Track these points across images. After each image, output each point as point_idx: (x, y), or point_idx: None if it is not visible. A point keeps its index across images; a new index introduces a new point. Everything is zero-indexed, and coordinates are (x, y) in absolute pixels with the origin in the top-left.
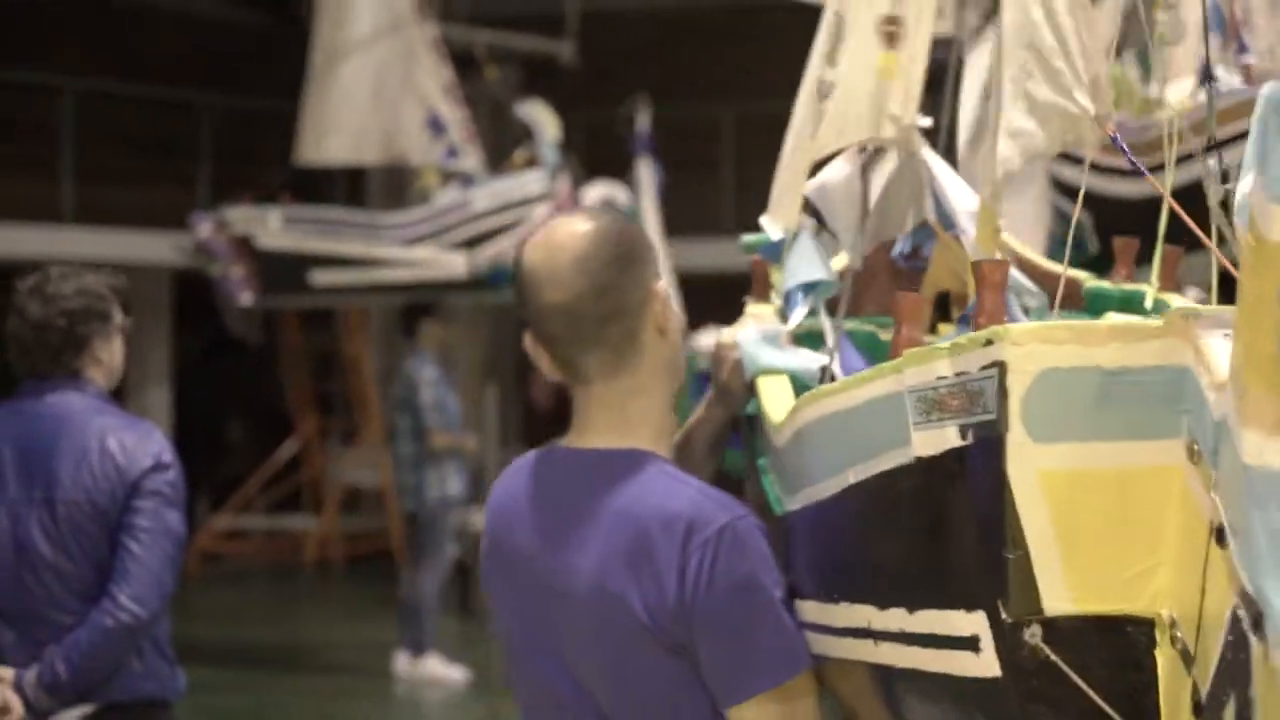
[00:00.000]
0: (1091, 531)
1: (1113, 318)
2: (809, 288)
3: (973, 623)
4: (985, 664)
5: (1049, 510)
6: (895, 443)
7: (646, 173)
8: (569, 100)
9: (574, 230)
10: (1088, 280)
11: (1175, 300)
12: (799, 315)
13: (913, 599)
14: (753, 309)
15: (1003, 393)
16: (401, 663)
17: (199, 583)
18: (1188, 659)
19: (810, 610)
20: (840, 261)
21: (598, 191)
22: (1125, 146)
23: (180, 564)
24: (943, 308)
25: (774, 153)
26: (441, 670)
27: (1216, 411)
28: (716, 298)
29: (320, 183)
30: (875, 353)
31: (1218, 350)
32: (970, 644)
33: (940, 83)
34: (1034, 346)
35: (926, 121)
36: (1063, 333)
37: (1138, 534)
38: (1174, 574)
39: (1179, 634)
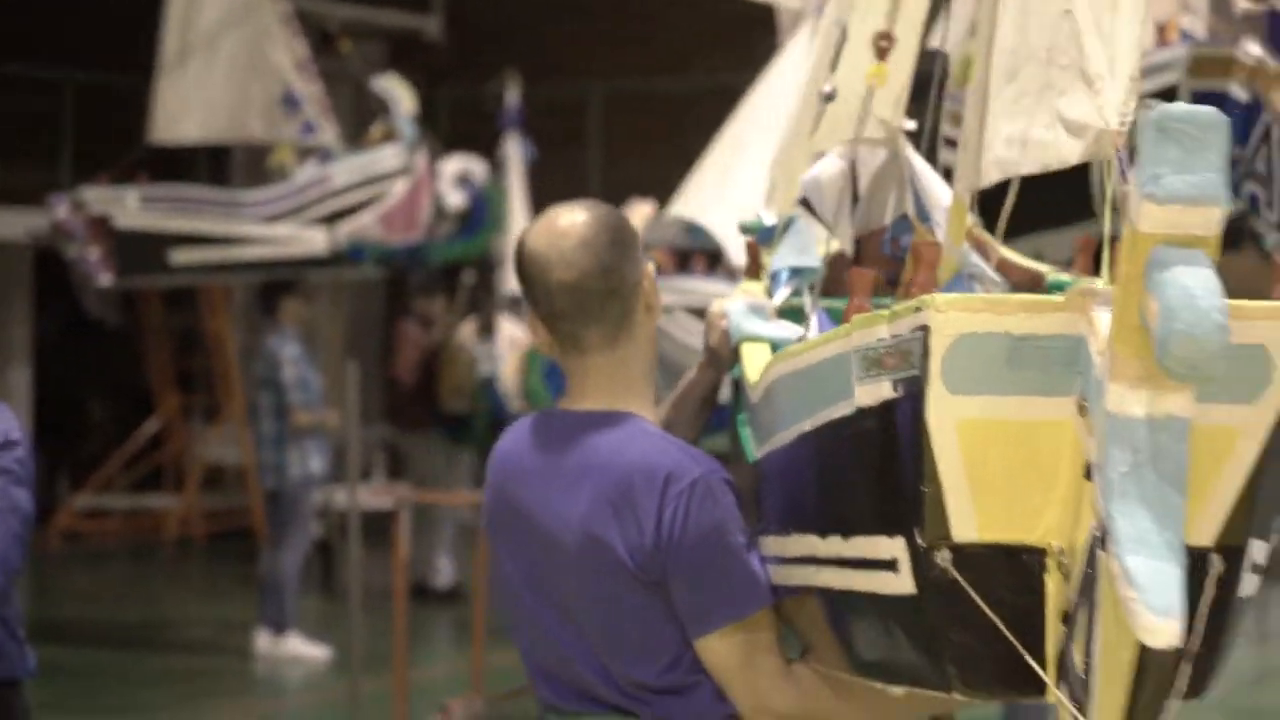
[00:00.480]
0: (996, 472)
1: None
2: (795, 271)
3: (894, 547)
4: (903, 583)
5: (961, 452)
6: (842, 395)
7: (515, 149)
8: (436, 76)
9: (575, 217)
10: (1050, 273)
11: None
12: (783, 294)
13: (848, 528)
14: (745, 285)
15: (926, 352)
16: (262, 641)
17: (59, 562)
18: (1069, 582)
19: (771, 544)
20: (829, 247)
21: (455, 165)
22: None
23: (28, 543)
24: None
25: (642, 130)
26: (302, 648)
27: (1099, 372)
28: None
29: (183, 161)
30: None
31: (1106, 322)
32: (891, 565)
33: (924, 90)
34: (954, 313)
35: (911, 125)
36: (979, 303)
37: (1036, 476)
38: (1063, 511)
39: (1065, 561)
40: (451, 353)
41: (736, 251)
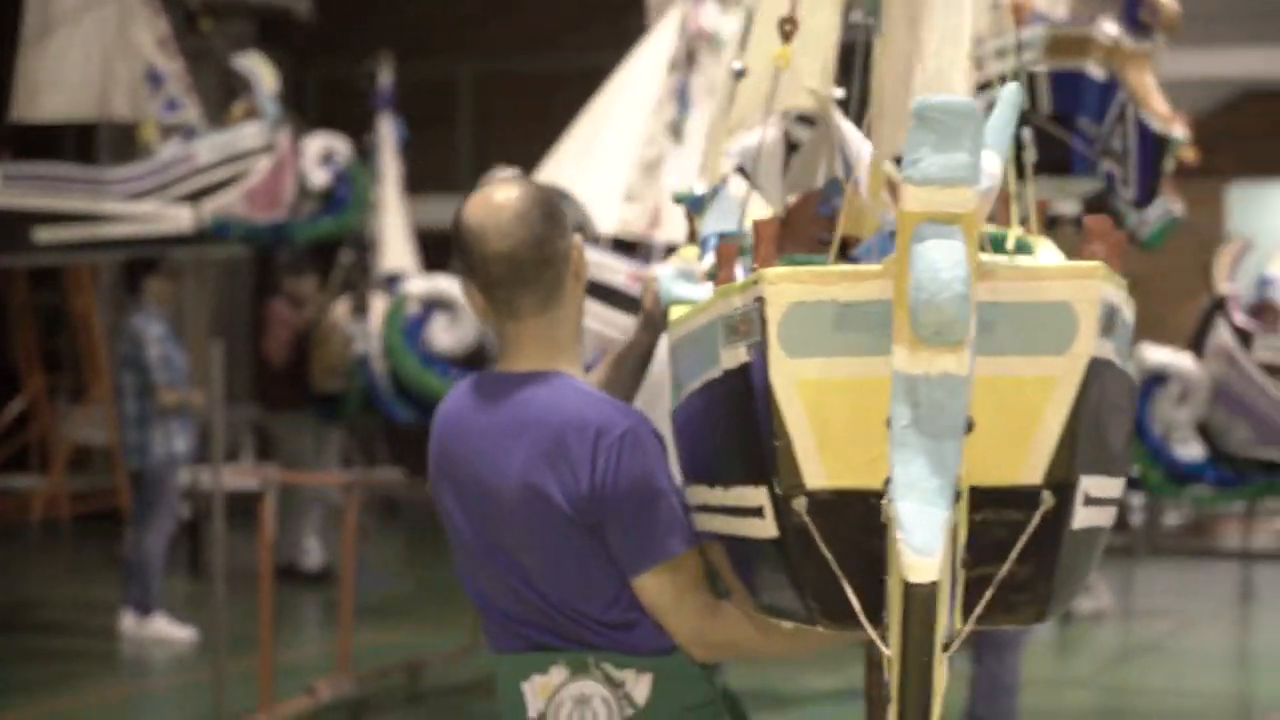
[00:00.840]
0: (838, 425)
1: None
2: (722, 236)
3: (759, 495)
4: (768, 527)
5: (804, 409)
6: (715, 358)
7: (387, 129)
8: (306, 55)
9: (510, 192)
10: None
11: (1039, 241)
12: (711, 258)
13: (727, 479)
14: (682, 250)
15: (763, 320)
16: (127, 623)
17: None
18: None
19: (684, 493)
20: (765, 211)
21: (318, 143)
22: None
23: None
24: (846, 249)
25: (512, 110)
26: (168, 630)
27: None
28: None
29: (50, 139)
30: None
31: None
32: (759, 512)
33: (851, 60)
34: (784, 285)
35: (839, 92)
36: (806, 275)
37: (871, 428)
38: None
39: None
40: (324, 332)
41: (601, 219)
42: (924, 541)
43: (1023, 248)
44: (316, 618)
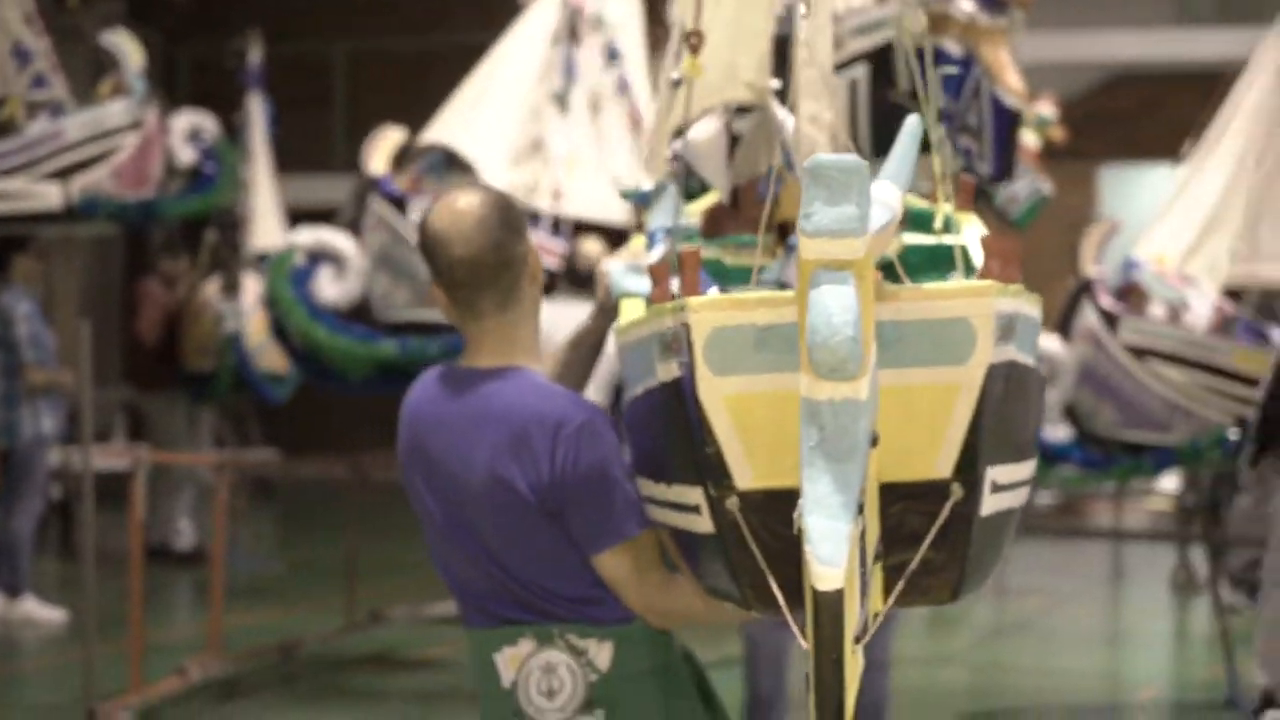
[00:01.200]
0: (763, 433)
1: (762, 292)
2: (668, 230)
3: (696, 495)
4: (705, 523)
5: (730, 419)
6: (653, 369)
7: (257, 108)
8: (177, 34)
9: (471, 200)
10: (914, 202)
11: (965, 219)
12: (659, 250)
13: (669, 478)
14: (632, 243)
15: (689, 343)
16: None
17: None
18: None
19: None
20: (711, 198)
21: (186, 121)
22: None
23: None
24: (784, 232)
25: (385, 89)
26: (37, 611)
27: None
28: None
29: None
30: (720, 276)
31: None
32: (697, 510)
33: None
34: (706, 313)
35: (776, 83)
36: (726, 303)
37: (793, 434)
38: None
39: None
40: (195, 310)
41: (490, 178)
42: (829, 554)
43: (949, 225)
44: (188, 598)
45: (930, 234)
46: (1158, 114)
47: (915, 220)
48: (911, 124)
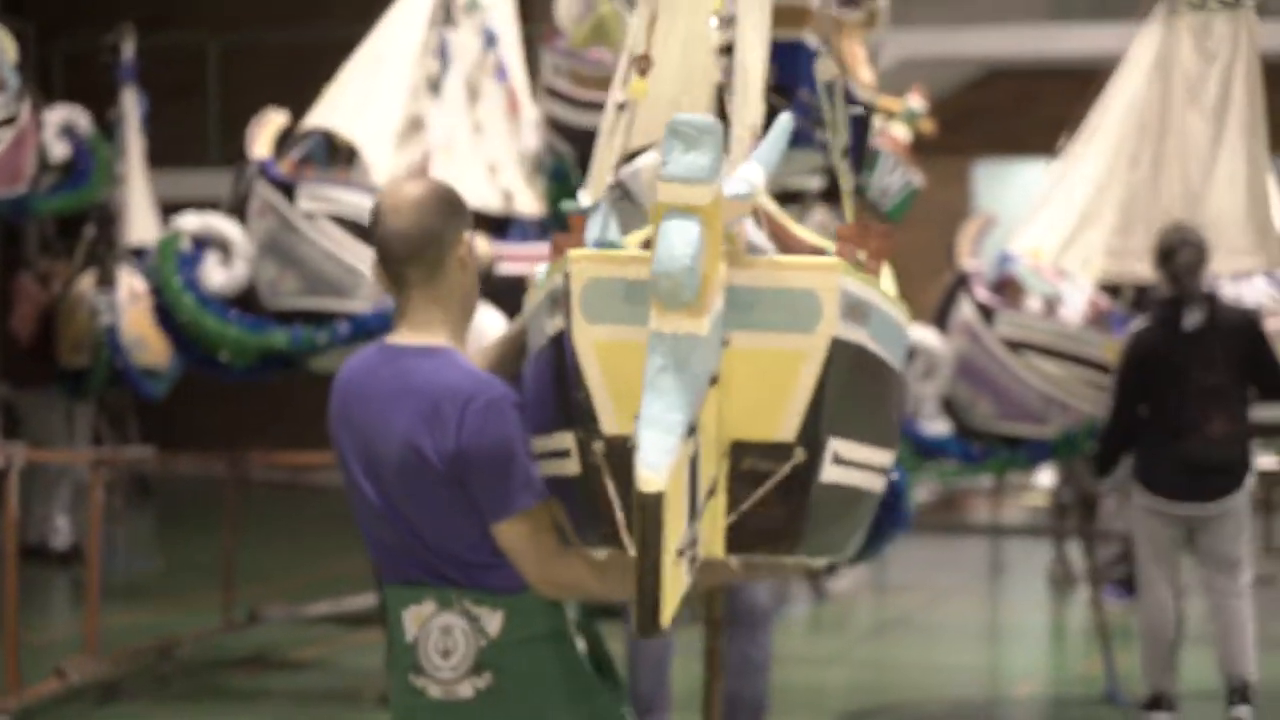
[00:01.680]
0: (629, 380)
1: (635, 249)
2: (599, 244)
3: (567, 440)
4: (574, 466)
5: (600, 366)
6: (547, 325)
7: (130, 102)
8: (49, 28)
9: (417, 186)
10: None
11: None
12: None
13: (548, 427)
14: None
15: (568, 292)
16: None
17: None
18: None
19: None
20: (647, 231)
21: (59, 116)
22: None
23: None
24: None
25: (260, 83)
26: None
27: None
28: None
29: None
30: None
31: None
32: (567, 454)
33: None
34: (585, 264)
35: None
36: (602, 256)
37: None
38: None
39: None
40: (71, 306)
41: (376, 167)
42: (654, 460)
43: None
44: (66, 598)
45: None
46: (1032, 109)
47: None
48: (783, 119)
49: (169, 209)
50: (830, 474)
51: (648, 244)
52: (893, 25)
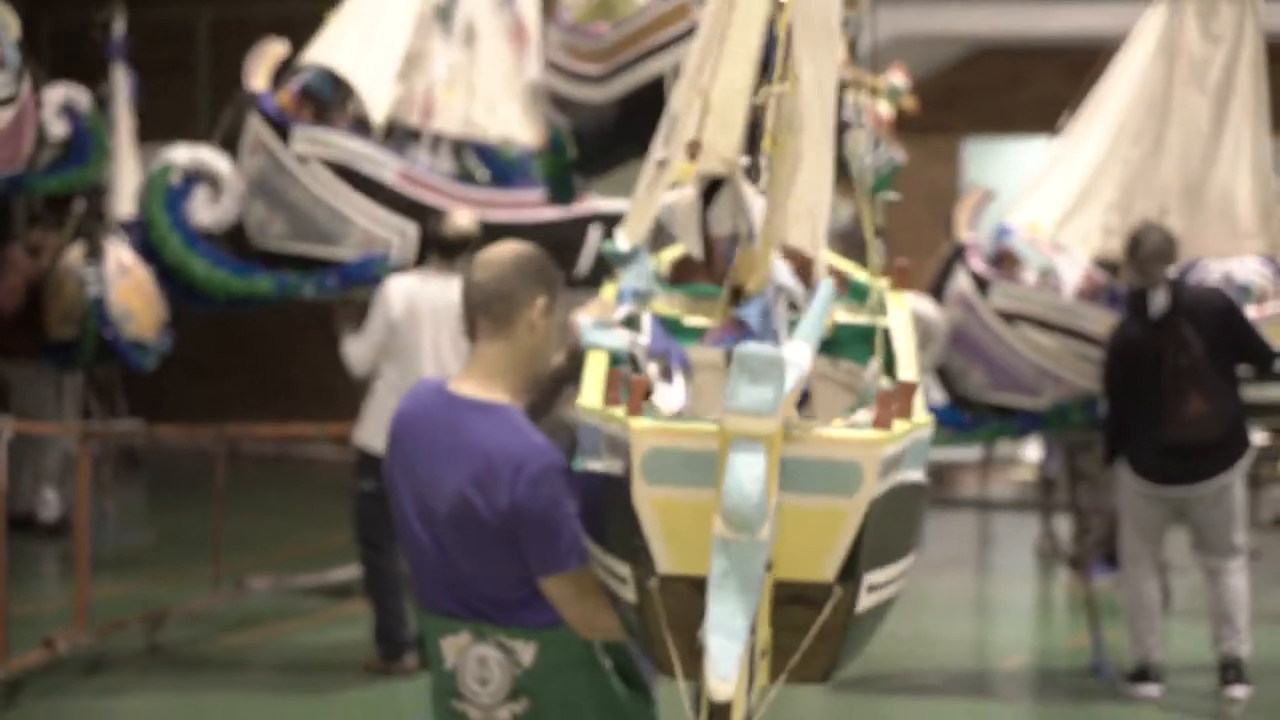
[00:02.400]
0: (683, 531)
1: (692, 424)
2: (635, 293)
3: (625, 570)
4: (631, 594)
5: (657, 519)
6: (602, 454)
7: (121, 79)
8: (39, 3)
9: (511, 248)
10: (851, 274)
11: (902, 296)
12: (626, 308)
13: (606, 546)
14: (603, 293)
15: (630, 456)
16: None
17: None
18: None
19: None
20: (678, 249)
21: (59, 94)
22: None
23: None
24: (737, 296)
25: (249, 56)
26: None
27: None
28: None
29: None
30: (676, 332)
31: None
32: (624, 580)
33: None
34: (646, 436)
35: (745, 160)
36: (663, 431)
37: (705, 534)
38: None
39: None
40: (59, 278)
41: (374, 106)
42: (725, 671)
43: (881, 304)
44: (54, 569)
45: (864, 307)
46: (1021, 88)
47: (854, 290)
48: (826, 288)
49: None
50: (865, 603)
51: (679, 265)
52: (884, 3)
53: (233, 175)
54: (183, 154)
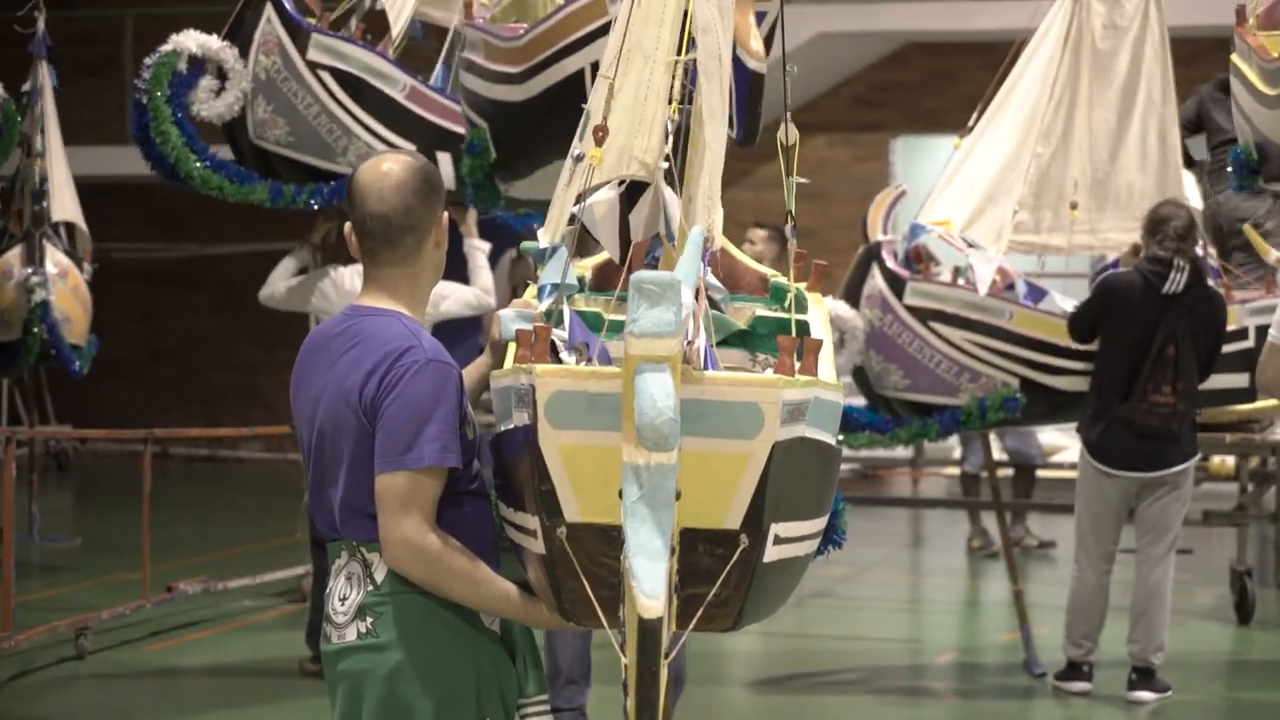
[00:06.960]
0: (589, 477)
1: (594, 366)
2: (556, 286)
3: (534, 522)
4: (539, 546)
5: (564, 465)
6: (511, 413)
7: (46, 77)
8: None
9: (396, 164)
10: (773, 276)
11: (814, 296)
12: (547, 302)
13: (517, 504)
14: (528, 293)
15: (534, 401)
16: None
17: None
18: None
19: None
20: (601, 257)
21: None
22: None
23: None
24: None
25: None
26: None
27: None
28: (118, 203)
29: None
30: (595, 326)
31: None
32: (534, 534)
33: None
34: (549, 378)
35: (665, 165)
36: (564, 371)
37: (611, 480)
38: None
39: None
40: None
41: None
42: (652, 589)
43: (800, 302)
44: None
45: (783, 306)
46: (949, 85)
47: (775, 292)
48: (696, 233)
49: (83, 186)
50: (771, 554)
51: (601, 271)
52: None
53: (241, 69)
54: (192, 38)
